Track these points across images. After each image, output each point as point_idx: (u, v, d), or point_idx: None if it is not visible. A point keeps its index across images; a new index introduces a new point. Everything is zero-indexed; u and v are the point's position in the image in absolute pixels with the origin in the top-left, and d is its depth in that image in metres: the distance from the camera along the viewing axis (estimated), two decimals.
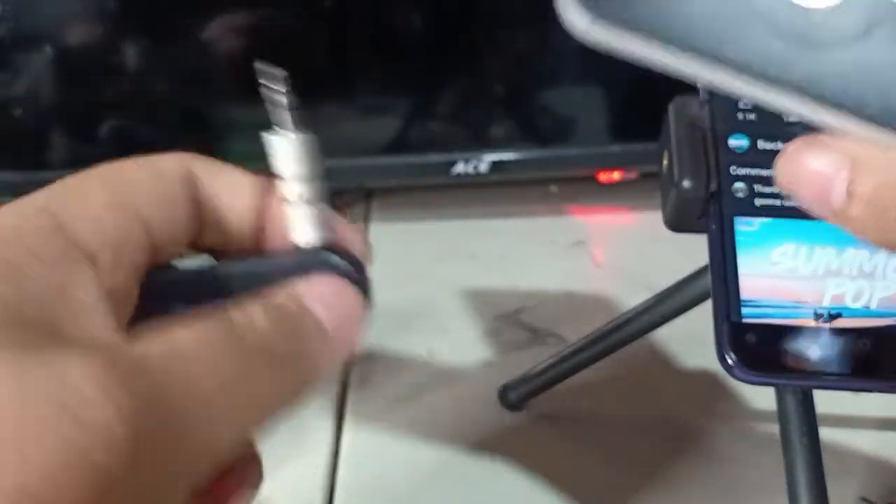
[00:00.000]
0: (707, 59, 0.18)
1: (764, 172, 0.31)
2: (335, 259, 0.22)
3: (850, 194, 0.18)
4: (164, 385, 0.17)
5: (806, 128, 0.19)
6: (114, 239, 0.20)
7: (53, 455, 0.15)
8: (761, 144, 0.31)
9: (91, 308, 0.18)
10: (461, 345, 0.57)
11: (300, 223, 0.22)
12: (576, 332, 0.47)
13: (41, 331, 0.17)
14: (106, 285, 0.19)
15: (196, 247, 0.23)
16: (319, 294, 0.21)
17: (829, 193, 0.19)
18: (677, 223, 0.32)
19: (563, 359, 0.46)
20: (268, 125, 0.25)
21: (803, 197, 0.19)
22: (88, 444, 0.16)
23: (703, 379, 0.53)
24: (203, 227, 0.23)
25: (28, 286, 0.18)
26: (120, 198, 0.21)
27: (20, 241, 0.19)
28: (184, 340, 0.18)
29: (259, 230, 0.23)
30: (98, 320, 0.18)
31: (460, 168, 0.68)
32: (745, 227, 0.30)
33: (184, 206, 0.22)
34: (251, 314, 0.19)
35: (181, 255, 0.23)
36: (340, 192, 0.75)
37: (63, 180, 0.21)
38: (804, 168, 0.19)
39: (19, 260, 0.18)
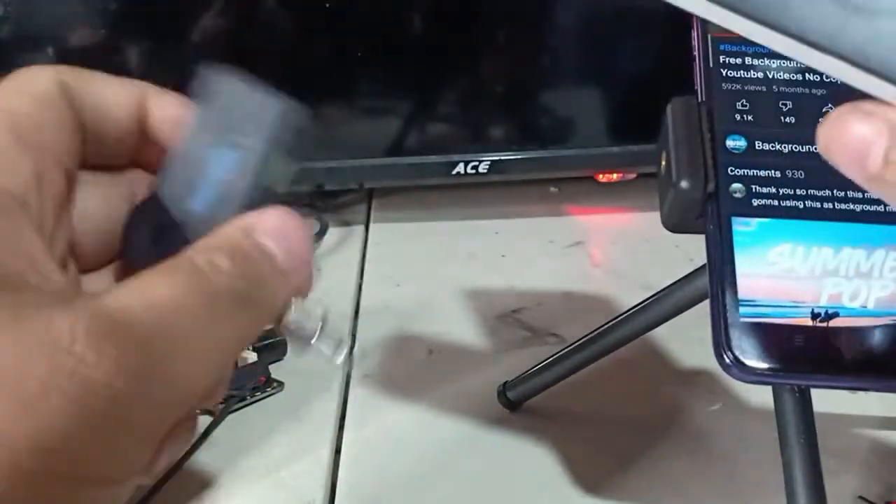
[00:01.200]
0: (758, 19, 0.18)
1: (761, 173, 0.31)
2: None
3: (887, 160, 0.19)
4: (144, 333, 0.18)
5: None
6: (34, 178, 0.20)
7: (59, 410, 0.17)
8: (759, 145, 0.31)
9: (42, 256, 0.19)
10: (461, 345, 0.57)
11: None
12: (575, 332, 0.48)
13: (9, 285, 0.18)
14: (43, 228, 0.20)
15: (83, 165, 0.23)
16: (271, 228, 0.21)
17: (866, 158, 0.19)
18: (675, 223, 0.32)
19: (562, 358, 0.46)
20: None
21: (840, 160, 0.20)
22: (89, 397, 0.17)
23: (702, 378, 0.53)
24: (84, 141, 0.23)
25: None
26: (23, 135, 0.21)
27: None
28: (156, 291, 0.19)
29: (141, 137, 0.24)
30: (51, 267, 0.19)
31: (460, 168, 0.68)
32: (743, 227, 0.30)
33: (70, 125, 0.22)
34: (214, 259, 0.20)
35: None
36: (341, 192, 0.76)
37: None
38: (845, 132, 0.19)
39: None
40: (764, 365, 0.29)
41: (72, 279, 0.22)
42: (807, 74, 0.33)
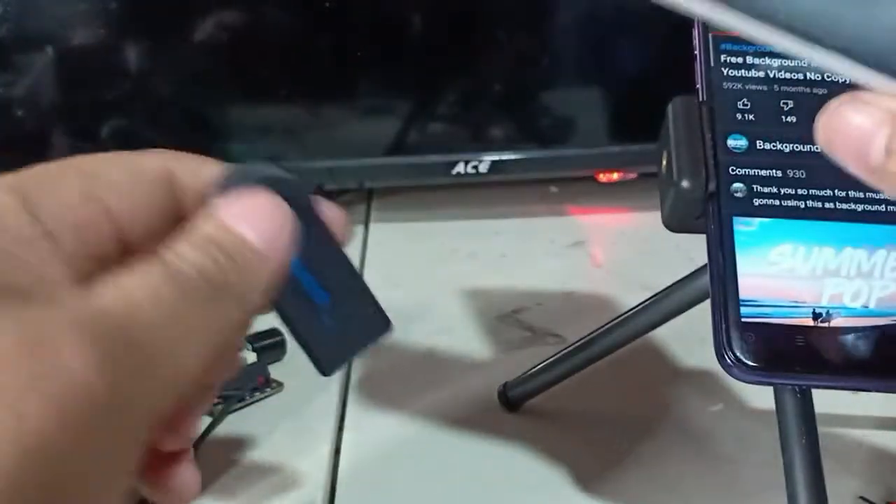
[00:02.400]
0: (754, 14, 0.18)
1: (763, 172, 0.31)
2: (256, 171, 0.22)
3: (889, 150, 0.19)
4: (124, 332, 0.18)
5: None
6: (79, 226, 0.21)
7: (40, 411, 0.17)
8: (760, 145, 0.31)
9: (57, 277, 0.20)
10: (461, 345, 0.57)
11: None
12: (575, 332, 0.48)
13: (8, 294, 0.18)
14: (69, 266, 0.20)
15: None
16: (242, 213, 0.21)
17: (868, 149, 0.19)
18: (676, 223, 0.32)
19: (563, 358, 0.46)
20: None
21: (840, 152, 0.20)
22: (69, 396, 0.17)
23: (703, 378, 0.53)
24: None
25: None
26: (92, 189, 0.21)
27: None
28: (132, 289, 0.19)
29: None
30: (64, 285, 0.19)
31: (460, 168, 0.68)
32: (744, 227, 0.30)
33: (160, 206, 0.23)
34: (182, 252, 0.20)
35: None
36: (341, 192, 0.76)
37: (43, 165, 0.22)
38: (844, 123, 0.19)
39: None
40: (765, 365, 0.29)
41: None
42: (808, 73, 0.33)
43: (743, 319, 0.29)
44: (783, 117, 0.32)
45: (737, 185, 0.31)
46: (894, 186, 0.19)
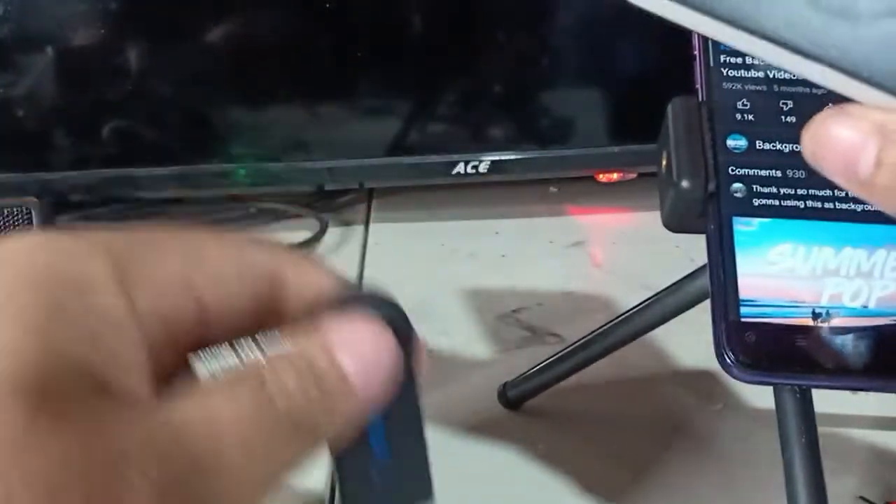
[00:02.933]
0: (741, 25, 0.18)
1: (762, 172, 0.31)
2: (377, 297, 0.21)
3: (878, 163, 0.18)
4: (196, 456, 0.17)
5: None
6: (168, 316, 0.19)
7: None
8: (759, 145, 0.31)
9: (140, 374, 0.18)
10: (461, 344, 0.57)
11: None
12: (575, 332, 0.48)
13: (86, 386, 0.17)
14: (152, 359, 0.19)
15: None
16: (350, 340, 0.20)
17: (857, 163, 0.19)
18: (676, 223, 0.32)
19: (563, 358, 0.46)
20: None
21: (829, 167, 0.19)
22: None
23: (702, 378, 0.53)
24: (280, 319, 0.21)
25: (76, 331, 0.17)
26: (193, 276, 0.20)
27: (81, 290, 0.18)
28: (218, 409, 0.18)
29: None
30: (142, 383, 0.18)
31: (460, 168, 0.68)
32: (744, 226, 0.30)
33: (257, 305, 0.21)
34: (282, 376, 0.19)
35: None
36: (341, 192, 0.76)
37: (144, 231, 0.20)
38: (832, 137, 0.19)
39: (72, 305, 0.17)
40: (765, 365, 0.29)
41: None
42: None
43: (742, 319, 0.29)
44: (782, 117, 0.32)
45: (736, 185, 0.31)
46: (884, 199, 0.19)
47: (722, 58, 0.33)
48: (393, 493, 0.23)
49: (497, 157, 0.68)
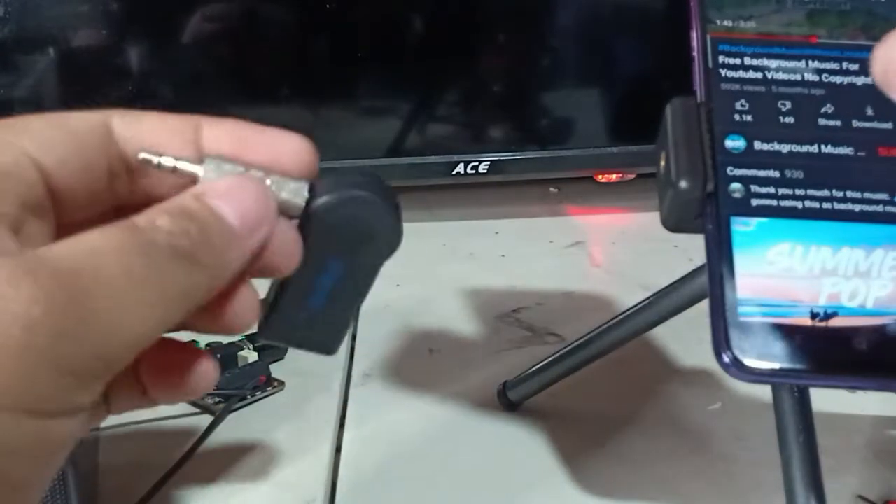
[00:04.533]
0: None
1: (760, 173, 0.31)
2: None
3: None
4: (67, 272, 0.18)
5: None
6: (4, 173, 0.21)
7: None
8: (758, 145, 0.31)
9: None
10: (461, 344, 0.57)
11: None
12: (574, 332, 0.48)
13: None
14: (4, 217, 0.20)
15: (134, 195, 0.23)
16: (223, 190, 0.21)
17: None
18: (675, 223, 0.32)
19: (562, 358, 0.46)
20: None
21: None
22: (7, 328, 0.17)
23: (701, 377, 0.53)
24: (133, 178, 0.23)
25: None
26: (15, 139, 0.21)
27: None
28: (90, 240, 0.19)
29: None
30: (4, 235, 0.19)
31: (460, 168, 0.68)
32: (742, 226, 0.30)
33: (97, 161, 0.22)
34: (153, 217, 0.20)
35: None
36: None
37: None
38: None
39: None
40: (763, 364, 0.29)
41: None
42: (806, 75, 0.33)
43: (741, 319, 0.29)
44: (781, 118, 0.32)
45: (735, 185, 0.31)
46: None
47: (721, 59, 0.33)
48: (304, 334, 0.25)
49: (497, 157, 0.69)
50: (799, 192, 0.31)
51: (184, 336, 0.22)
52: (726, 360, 0.29)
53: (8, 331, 0.17)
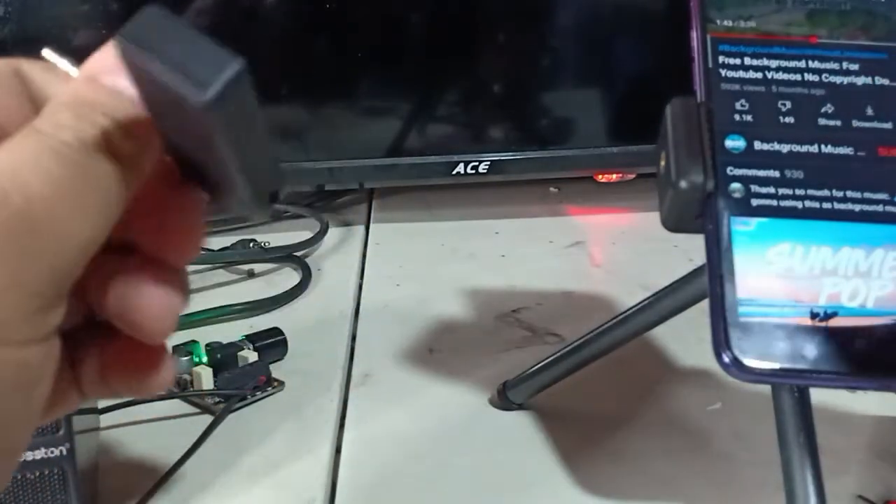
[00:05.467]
0: None
1: (760, 173, 0.31)
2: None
3: None
4: (5, 197, 0.18)
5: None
6: None
7: None
8: (757, 145, 0.31)
9: None
10: (461, 344, 0.57)
11: None
12: (574, 331, 0.48)
13: None
14: None
15: None
16: (112, 64, 0.20)
17: None
18: (675, 223, 0.32)
19: (562, 357, 0.46)
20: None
21: None
22: None
23: (701, 377, 0.53)
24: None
25: None
26: None
27: None
28: (7, 161, 0.19)
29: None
30: None
31: (460, 168, 0.68)
32: (742, 226, 0.30)
33: (13, 101, 0.21)
34: (53, 116, 0.19)
35: None
36: (341, 192, 0.76)
37: None
38: None
39: None
40: (763, 364, 0.29)
41: None
42: (805, 75, 0.33)
43: (741, 319, 0.29)
44: (781, 118, 0.32)
45: (735, 185, 0.31)
46: None
47: (720, 59, 0.33)
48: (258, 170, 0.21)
49: (497, 157, 0.69)
50: (799, 192, 0.31)
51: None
52: (726, 360, 0.29)
53: None
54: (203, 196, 0.22)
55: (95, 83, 0.20)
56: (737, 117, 0.32)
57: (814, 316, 0.30)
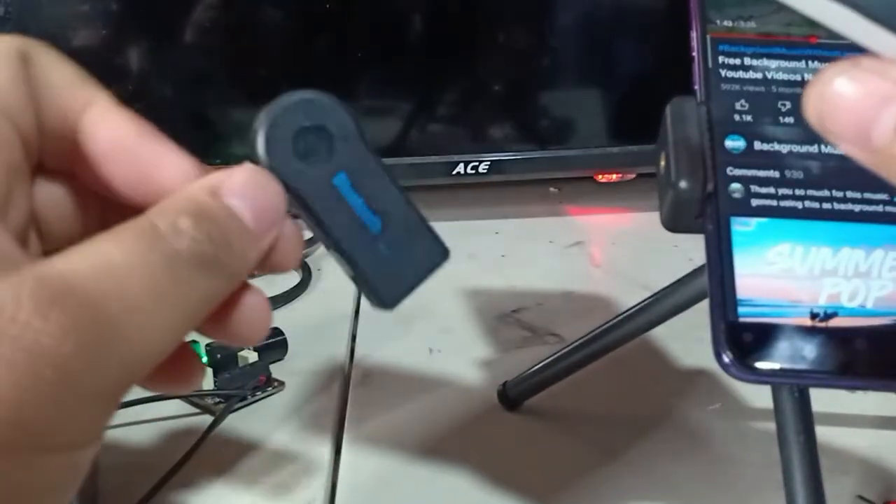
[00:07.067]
0: None
1: (760, 173, 0.31)
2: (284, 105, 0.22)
3: None
4: (94, 297, 0.17)
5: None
6: None
7: (6, 380, 0.16)
8: (758, 145, 0.31)
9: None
10: (461, 344, 0.57)
11: None
12: (574, 332, 0.48)
13: None
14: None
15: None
16: (239, 187, 0.20)
17: (870, 128, 0.16)
18: (674, 223, 0.32)
19: (562, 358, 0.46)
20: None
21: (835, 128, 0.17)
22: (37, 364, 0.16)
23: (701, 378, 0.53)
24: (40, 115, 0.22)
25: None
26: None
27: None
28: (111, 254, 0.18)
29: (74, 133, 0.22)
30: (2, 237, 0.18)
31: (460, 168, 0.68)
32: (742, 227, 0.30)
33: (25, 89, 0.21)
34: (176, 221, 0.19)
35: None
36: None
37: None
38: (843, 95, 0.16)
39: None
40: (763, 365, 0.29)
41: (31, 251, 0.21)
42: (805, 75, 0.33)
43: (740, 319, 0.29)
44: (781, 118, 0.32)
45: (734, 185, 0.31)
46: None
47: (720, 59, 0.33)
48: (407, 264, 0.24)
49: (497, 157, 0.69)
50: (799, 192, 0.31)
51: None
52: (726, 360, 0.29)
53: (41, 371, 0.16)
54: None
55: (219, 199, 0.20)
56: (737, 117, 0.32)
57: (814, 316, 0.30)
